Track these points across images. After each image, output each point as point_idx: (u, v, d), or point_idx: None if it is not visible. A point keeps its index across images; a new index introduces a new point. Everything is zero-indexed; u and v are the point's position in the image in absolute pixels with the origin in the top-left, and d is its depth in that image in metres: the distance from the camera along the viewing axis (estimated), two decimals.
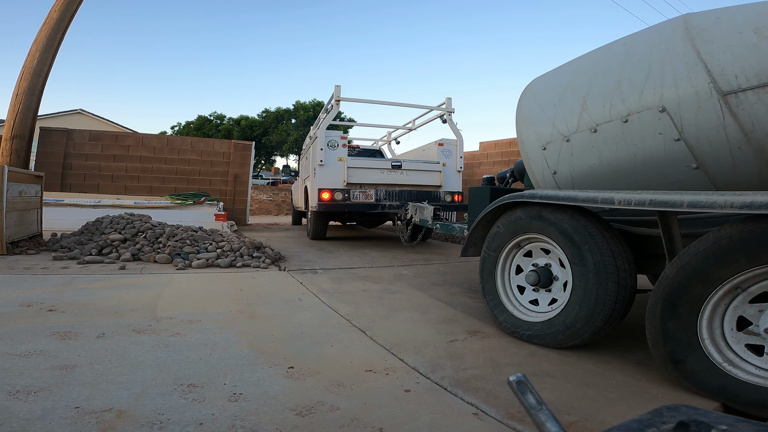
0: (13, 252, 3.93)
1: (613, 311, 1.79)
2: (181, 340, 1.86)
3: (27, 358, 1.57)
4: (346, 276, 3.58)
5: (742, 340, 1.43)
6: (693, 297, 1.46)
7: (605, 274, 1.79)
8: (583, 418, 1.35)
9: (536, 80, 2.56)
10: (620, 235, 1.93)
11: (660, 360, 1.56)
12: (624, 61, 1.94)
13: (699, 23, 1.71)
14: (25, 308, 2.22)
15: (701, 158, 1.72)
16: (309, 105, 22.85)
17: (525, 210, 2.13)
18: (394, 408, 1.36)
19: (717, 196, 1.40)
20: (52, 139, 7.80)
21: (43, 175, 4.92)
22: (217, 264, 3.75)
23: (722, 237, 1.40)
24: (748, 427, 0.46)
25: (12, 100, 5.25)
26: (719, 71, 1.59)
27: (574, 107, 2.12)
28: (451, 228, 3.55)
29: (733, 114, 1.58)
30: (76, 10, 5.63)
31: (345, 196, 5.27)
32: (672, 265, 1.52)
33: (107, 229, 4.33)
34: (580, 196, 1.85)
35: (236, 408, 1.30)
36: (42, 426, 1.14)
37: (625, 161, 1.95)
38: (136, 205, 6.59)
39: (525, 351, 1.95)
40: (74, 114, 18.39)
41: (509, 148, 8.48)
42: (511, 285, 2.27)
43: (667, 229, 1.66)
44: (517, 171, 3.45)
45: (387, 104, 6.42)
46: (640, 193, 1.65)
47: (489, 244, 2.32)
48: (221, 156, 8.94)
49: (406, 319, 2.39)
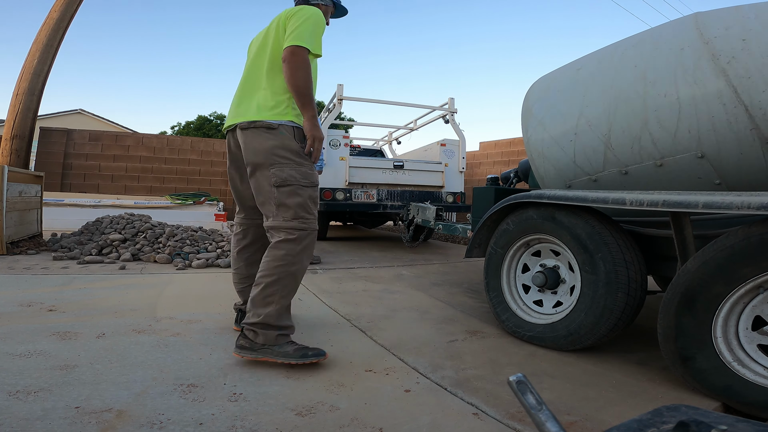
0: (13, 252, 3.93)
1: (619, 321, 1.76)
2: (181, 340, 1.87)
3: (27, 358, 1.57)
4: (346, 276, 3.58)
5: (755, 339, 1.42)
6: (713, 294, 1.43)
7: (616, 284, 1.74)
8: (583, 418, 1.34)
9: (538, 99, 2.39)
10: (635, 243, 1.86)
11: (668, 356, 1.54)
12: (645, 93, 1.79)
13: (726, 48, 1.58)
14: (25, 308, 2.22)
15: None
16: None
17: (538, 210, 2.06)
18: (394, 408, 1.36)
19: (733, 197, 1.37)
20: (52, 139, 7.81)
21: (43, 175, 4.92)
22: (217, 264, 3.75)
23: (753, 234, 1.36)
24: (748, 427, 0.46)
25: (12, 100, 5.25)
26: (761, 115, 1.50)
27: (597, 146, 1.99)
28: (454, 228, 3.55)
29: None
30: (76, 10, 5.63)
31: (346, 196, 5.26)
32: (694, 260, 1.48)
33: (107, 229, 4.33)
34: (589, 197, 1.80)
35: (236, 408, 1.30)
36: (42, 426, 1.14)
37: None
38: (136, 205, 6.60)
39: (525, 351, 1.94)
40: (74, 114, 18.38)
41: (509, 148, 8.48)
42: (516, 283, 2.24)
43: (679, 230, 1.63)
44: (521, 171, 3.44)
45: (389, 104, 6.37)
46: (652, 194, 1.60)
47: (497, 241, 2.28)
48: (221, 156, 8.95)
49: (406, 319, 2.39)
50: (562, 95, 2.26)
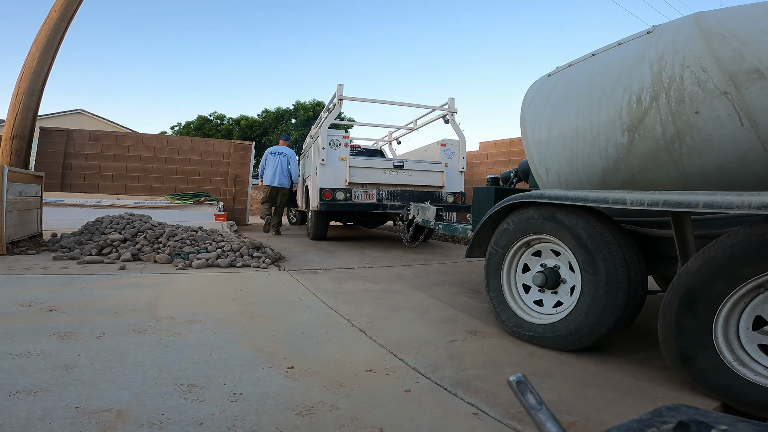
0: (13, 252, 3.93)
1: (619, 321, 1.76)
2: (181, 340, 1.86)
3: (27, 358, 1.57)
4: (346, 276, 3.58)
5: (756, 339, 1.41)
6: (714, 293, 1.43)
7: (616, 284, 1.74)
8: (583, 418, 1.34)
9: (537, 100, 2.38)
10: (635, 243, 1.86)
11: (669, 356, 1.54)
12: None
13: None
14: (25, 308, 2.22)
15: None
16: (309, 105, 22.84)
17: (538, 210, 2.06)
18: (394, 408, 1.36)
19: (734, 197, 1.37)
20: (52, 139, 7.80)
21: (43, 175, 4.92)
22: (217, 264, 3.75)
23: (753, 234, 1.36)
24: (748, 426, 0.46)
25: (12, 100, 5.25)
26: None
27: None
28: (454, 228, 3.55)
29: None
30: (77, 10, 5.63)
31: (347, 196, 5.26)
32: (695, 260, 1.48)
33: (107, 229, 4.33)
34: (590, 197, 1.80)
35: (236, 408, 1.30)
36: (42, 426, 1.14)
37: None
38: (136, 205, 6.59)
39: (525, 351, 1.94)
40: (74, 114, 18.38)
41: (509, 148, 8.48)
42: (516, 283, 2.24)
43: (680, 230, 1.63)
44: (521, 171, 3.44)
45: (389, 104, 6.35)
46: (653, 194, 1.60)
47: (497, 241, 2.28)
48: (221, 156, 8.94)
49: (406, 319, 2.39)
50: (560, 96, 2.26)
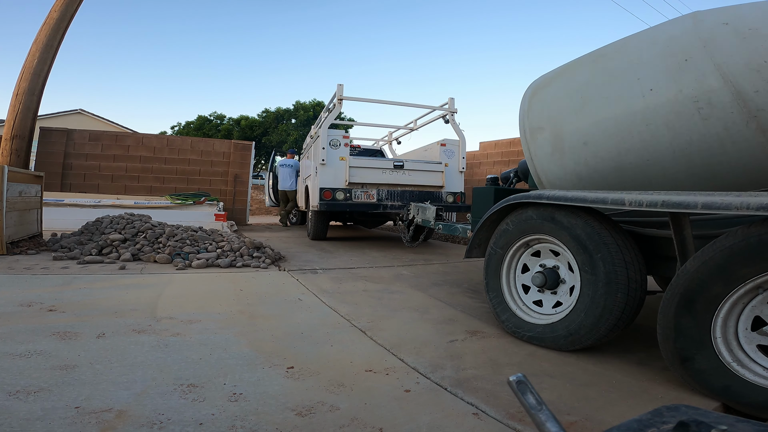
0: (13, 252, 3.93)
1: (618, 321, 1.76)
2: (181, 340, 1.86)
3: (27, 358, 1.57)
4: (346, 276, 3.58)
5: (754, 340, 1.42)
6: (712, 294, 1.43)
7: (615, 284, 1.74)
8: (583, 418, 1.34)
9: (535, 101, 2.40)
10: (634, 243, 1.86)
11: (668, 356, 1.54)
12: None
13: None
14: (25, 308, 2.22)
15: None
16: (309, 105, 22.84)
17: (537, 210, 2.07)
18: (394, 408, 1.36)
19: (732, 197, 1.37)
20: (52, 139, 7.79)
21: (43, 175, 4.91)
22: (217, 264, 3.75)
23: (752, 235, 1.36)
24: (748, 426, 0.46)
25: (12, 100, 5.25)
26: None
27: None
28: (454, 228, 3.55)
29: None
30: (77, 10, 5.63)
31: (347, 196, 5.26)
32: (694, 261, 1.49)
33: (107, 229, 4.33)
34: (589, 197, 1.80)
35: (236, 408, 1.30)
36: (42, 426, 1.14)
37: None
38: (136, 205, 6.59)
39: (525, 351, 1.94)
40: (74, 114, 18.37)
41: (509, 148, 8.47)
42: (516, 284, 2.24)
43: (679, 230, 1.63)
44: (521, 171, 3.44)
45: (389, 104, 6.34)
46: (651, 194, 1.61)
47: (496, 241, 2.28)
48: (221, 156, 8.94)
49: (406, 319, 2.39)
50: (558, 97, 2.27)
